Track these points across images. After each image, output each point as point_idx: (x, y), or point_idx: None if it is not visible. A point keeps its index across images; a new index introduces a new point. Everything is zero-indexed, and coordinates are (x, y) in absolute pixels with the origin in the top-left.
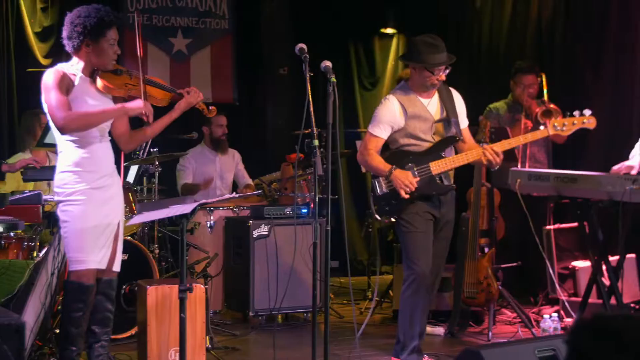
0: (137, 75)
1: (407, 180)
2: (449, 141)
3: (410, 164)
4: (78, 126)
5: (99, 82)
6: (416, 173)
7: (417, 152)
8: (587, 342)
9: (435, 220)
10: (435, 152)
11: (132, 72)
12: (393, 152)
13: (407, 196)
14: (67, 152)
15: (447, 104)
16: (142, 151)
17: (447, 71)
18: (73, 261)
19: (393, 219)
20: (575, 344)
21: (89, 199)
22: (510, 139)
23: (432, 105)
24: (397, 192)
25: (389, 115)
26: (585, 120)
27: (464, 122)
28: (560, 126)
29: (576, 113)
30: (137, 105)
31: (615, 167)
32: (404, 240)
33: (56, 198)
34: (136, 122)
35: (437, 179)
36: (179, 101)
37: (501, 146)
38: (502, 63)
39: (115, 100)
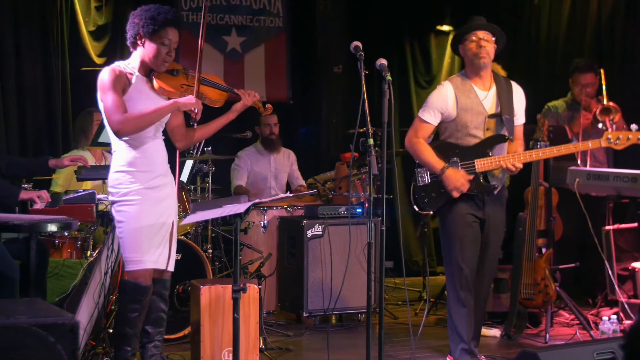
0: (194, 74)
1: (458, 181)
2: (498, 140)
3: (455, 158)
4: (134, 128)
5: (155, 83)
6: (460, 168)
7: (464, 146)
8: None
9: (480, 221)
10: (482, 148)
11: (188, 72)
12: (440, 143)
13: (457, 195)
14: (120, 151)
15: (503, 99)
16: (195, 150)
17: (496, 47)
18: (129, 262)
19: (431, 212)
20: (633, 347)
21: (143, 199)
22: (550, 147)
23: (488, 99)
24: (439, 185)
25: (441, 102)
26: None
27: (520, 119)
28: (614, 139)
29: (633, 127)
30: (189, 100)
31: None
32: (445, 244)
33: (110, 198)
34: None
35: (481, 177)
36: (235, 103)
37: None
38: (560, 60)
39: None
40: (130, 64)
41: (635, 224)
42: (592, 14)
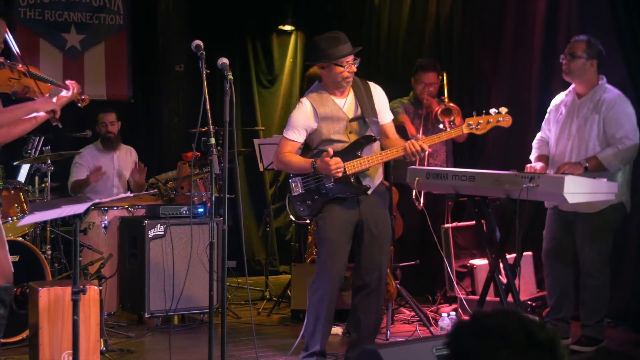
0: (19, 67)
1: (331, 164)
2: (365, 141)
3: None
4: None
5: None
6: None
7: (334, 152)
8: (470, 342)
9: (357, 223)
10: (351, 152)
11: (13, 65)
12: (311, 153)
13: (339, 175)
14: None
15: (363, 102)
16: (33, 150)
17: (357, 62)
18: None
19: (308, 220)
20: (456, 345)
21: None
22: (431, 136)
23: (347, 105)
24: (312, 193)
25: (301, 118)
26: (500, 119)
27: (385, 117)
28: (475, 125)
29: (492, 111)
30: (49, 102)
31: (528, 166)
32: (318, 244)
33: None
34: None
35: (352, 179)
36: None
37: (430, 141)
38: (400, 61)
39: None
40: None
41: (473, 222)
42: (431, 15)
